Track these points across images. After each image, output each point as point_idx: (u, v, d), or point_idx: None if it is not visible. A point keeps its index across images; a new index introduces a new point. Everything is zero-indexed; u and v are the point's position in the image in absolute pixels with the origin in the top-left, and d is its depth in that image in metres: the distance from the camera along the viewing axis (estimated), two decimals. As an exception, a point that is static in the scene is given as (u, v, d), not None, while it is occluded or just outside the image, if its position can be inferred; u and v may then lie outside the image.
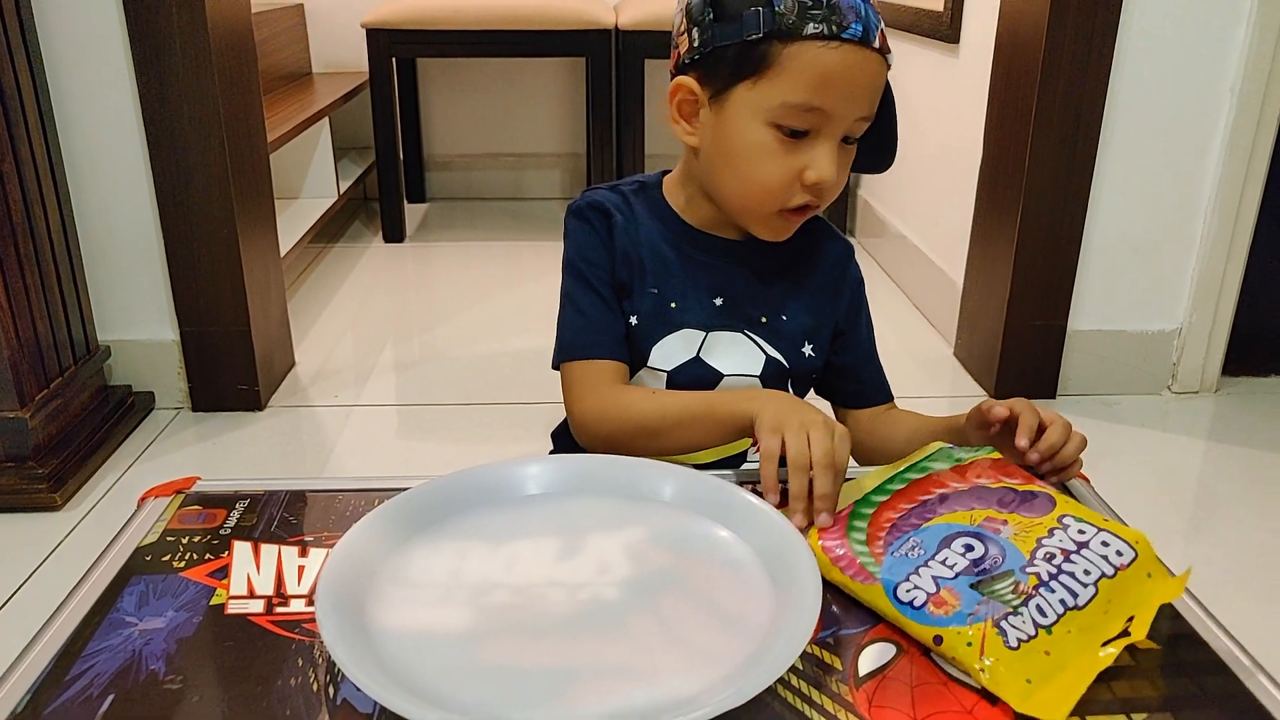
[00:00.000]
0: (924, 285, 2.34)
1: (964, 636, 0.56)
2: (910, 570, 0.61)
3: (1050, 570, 0.60)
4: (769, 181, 0.81)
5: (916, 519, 0.66)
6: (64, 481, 1.54)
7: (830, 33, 0.75)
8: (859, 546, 0.64)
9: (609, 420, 0.84)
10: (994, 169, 1.92)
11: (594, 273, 0.88)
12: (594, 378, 0.86)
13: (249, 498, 0.73)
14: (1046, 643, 0.56)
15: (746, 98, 0.79)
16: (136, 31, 1.61)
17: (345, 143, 3.19)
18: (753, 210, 0.84)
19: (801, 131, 0.78)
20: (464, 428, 1.83)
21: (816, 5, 0.75)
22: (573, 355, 0.87)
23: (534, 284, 2.56)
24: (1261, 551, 1.45)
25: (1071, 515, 0.64)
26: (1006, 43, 1.85)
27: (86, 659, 0.57)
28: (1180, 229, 1.84)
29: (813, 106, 0.77)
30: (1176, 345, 1.92)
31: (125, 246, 1.75)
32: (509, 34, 2.63)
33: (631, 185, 0.93)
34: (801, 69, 0.76)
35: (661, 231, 0.90)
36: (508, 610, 0.60)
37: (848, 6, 0.76)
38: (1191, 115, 1.76)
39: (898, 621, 0.59)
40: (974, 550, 0.62)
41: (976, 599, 0.58)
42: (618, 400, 0.84)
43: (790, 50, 0.76)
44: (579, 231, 0.90)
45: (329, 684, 0.55)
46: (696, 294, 0.88)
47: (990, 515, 0.65)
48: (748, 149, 0.80)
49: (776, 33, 0.76)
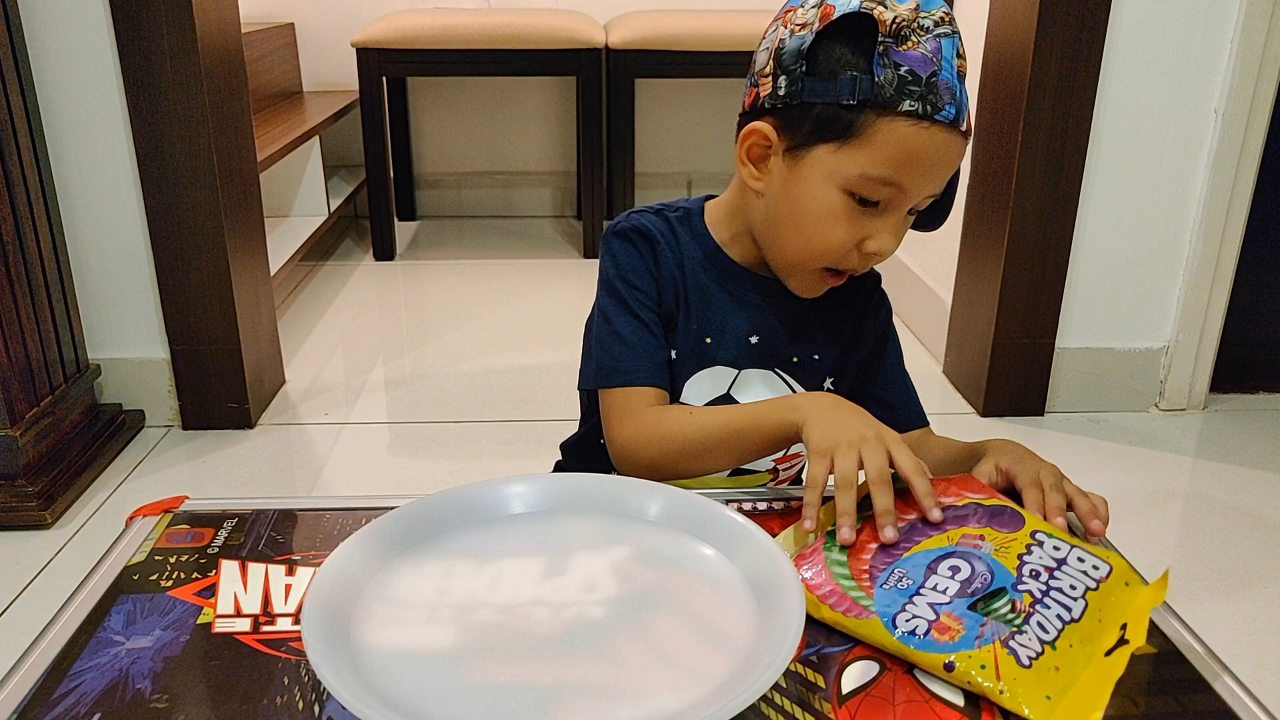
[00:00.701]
0: (912, 303, 2.35)
1: (976, 660, 0.56)
2: (904, 600, 0.61)
3: (1040, 587, 0.60)
4: (830, 245, 0.80)
5: (896, 549, 0.65)
6: (54, 499, 1.53)
7: (925, 113, 0.73)
8: (845, 581, 0.63)
9: (652, 445, 0.81)
10: (982, 187, 1.93)
11: (636, 297, 0.86)
12: (634, 404, 0.83)
13: (236, 517, 0.73)
14: (1054, 658, 0.56)
15: (826, 159, 0.77)
16: (126, 51, 1.62)
17: (335, 161, 3.20)
18: (800, 266, 0.83)
19: (873, 202, 0.77)
20: (454, 445, 1.83)
21: (915, 82, 0.73)
22: (612, 382, 0.85)
23: (525, 301, 2.57)
24: (1247, 568, 1.46)
25: (1042, 532, 0.65)
26: (993, 63, 1.87)
27: (74, 677, 0.57)
28: (1167, 247, 1.86)
29: (892, 182, 0.76)
30: (1164, 363, 1.93)
31: (115, 265, 1.75)
32: (499, 53, 2.65)
33: (676, 212, 0.90)
34: (889, 144, 0.74)
35: (703, 263, 0.88)
36: (493, 629, 0.60)
37: (945, 87, 0.74)
38: (1177, 135, 1.78)
39: (900, 653, 0.58)
40: (961, 571, 0.62)
41: (979, 620, 0.58)
42: (659, 424, 0.82)
43: (881, 124, 0.74)
44: (623, 253, 0.87)
45: (315, 703, 0.55)
46: (734, 331, 0.87)
47: (966, 532, 0.65)
48: (817, 210, 0.79)
49: (871, 103, 0.74)
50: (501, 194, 3.35)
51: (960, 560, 0.63)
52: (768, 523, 0.71)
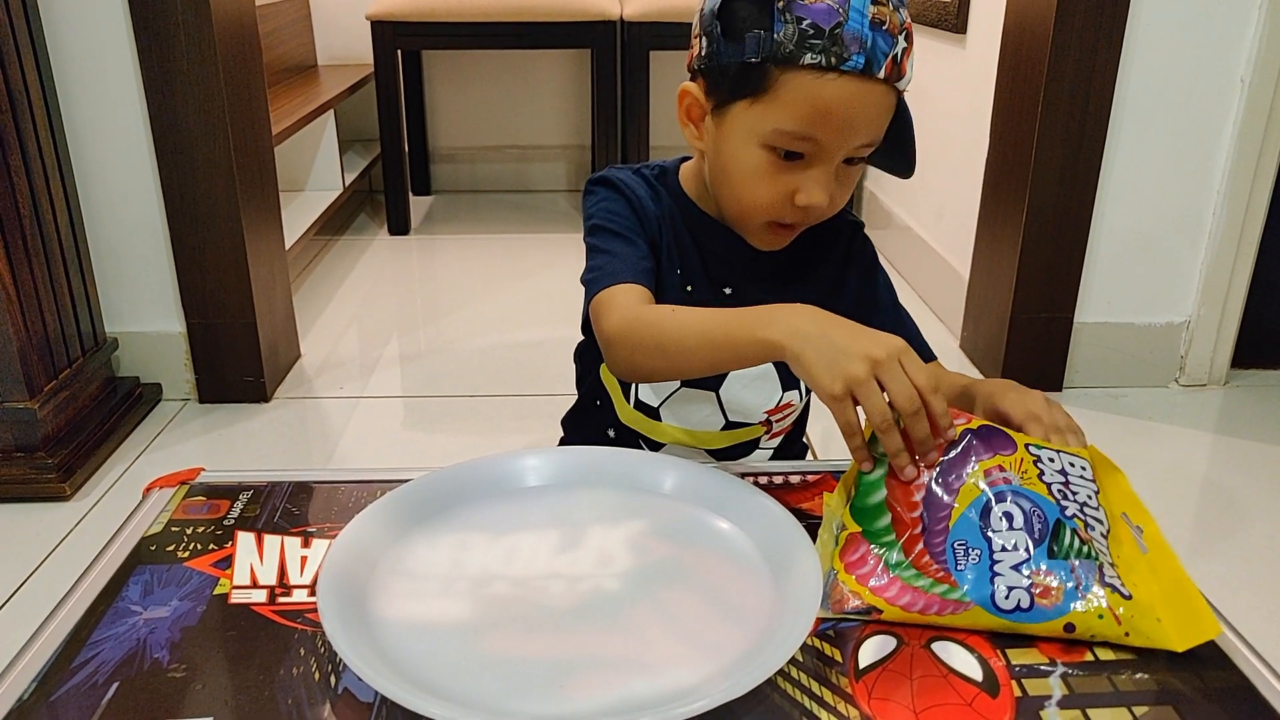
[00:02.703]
0: (930, 277, 2.33)
1: (1093, 611, 0.56)
2: (988, 575, 0.59)
3: (1077, 507, 0.61)
4: (759, 201, 0.80)
5: (938, 522, 0.62)
6: (73, 472, 1.55)
7: (829, 64, 0.73)
8: (919, 581, 0.60)
9: (631, 336, 0.79)
10: (1001, 160, 1.91)
11: (618, 222, 0.86)
12: (619, 298, 0.81)
13: (253, 489, 0.73)
14: (1128, 577, 0.58)
15: (743, 117, 0.78)
16: (141, 25, 1.61)
17: (350, 135, 3.19)
18: (743, 222, 0.84)
19: (796, 155, 0.77)
20: (469, 419, 1.83)
21: (818, 35, 0.72)
22: (598, 286, 0.83)
23: (539, 276, 2.56)
24: (1270, 545, 1.45)
25: (1032, 444, 0.65)
26: (1014, 33, 1.84)
27: (92, 647, 0.57)
28: (1189, 221, 1.83)
29: (806, 136, 0.76)
30: (1185, 338, 1.91)
31: (132, 239, 1.75)
32: (514, 26, 2.63)
33: (653, 170, 0.92)
34: (796, 99, 0.74)
35: (680, 217, 0.89)
36: (508, 602, 0.60)
37: (852, 37, 0.73)
38: (1201, 106, 1.75)
39: (1014, 630, 0.58)
40: (1015, 518, 0.60)
41: (1065, 567, 0.58)
42: (641, 317, 0.79)
43: (786, 78, 0.74)
44: (604, 196, 0.88)
45: (330, 674, 0.55)
46: (708, 281, 0.89)
47: (984, 468, 0.63)
48: (741, 167, 0.80)
49: (774, 59, 0.74)
50: (516, 168, 3.34)
51: (1007, 506, 0.61)
52: (784, 496, 0.71)
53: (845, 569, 0.61)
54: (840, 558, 0.62)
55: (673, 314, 0.79)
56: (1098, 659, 0.57)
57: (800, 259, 0.91)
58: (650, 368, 0.80)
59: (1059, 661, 0.56)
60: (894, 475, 0.64)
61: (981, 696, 0.54)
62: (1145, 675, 0.55)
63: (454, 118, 3.27)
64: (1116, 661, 0.56)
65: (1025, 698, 0.53)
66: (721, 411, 0.91)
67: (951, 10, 2.16)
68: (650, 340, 0.78)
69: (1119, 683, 0.55)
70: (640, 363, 0.79)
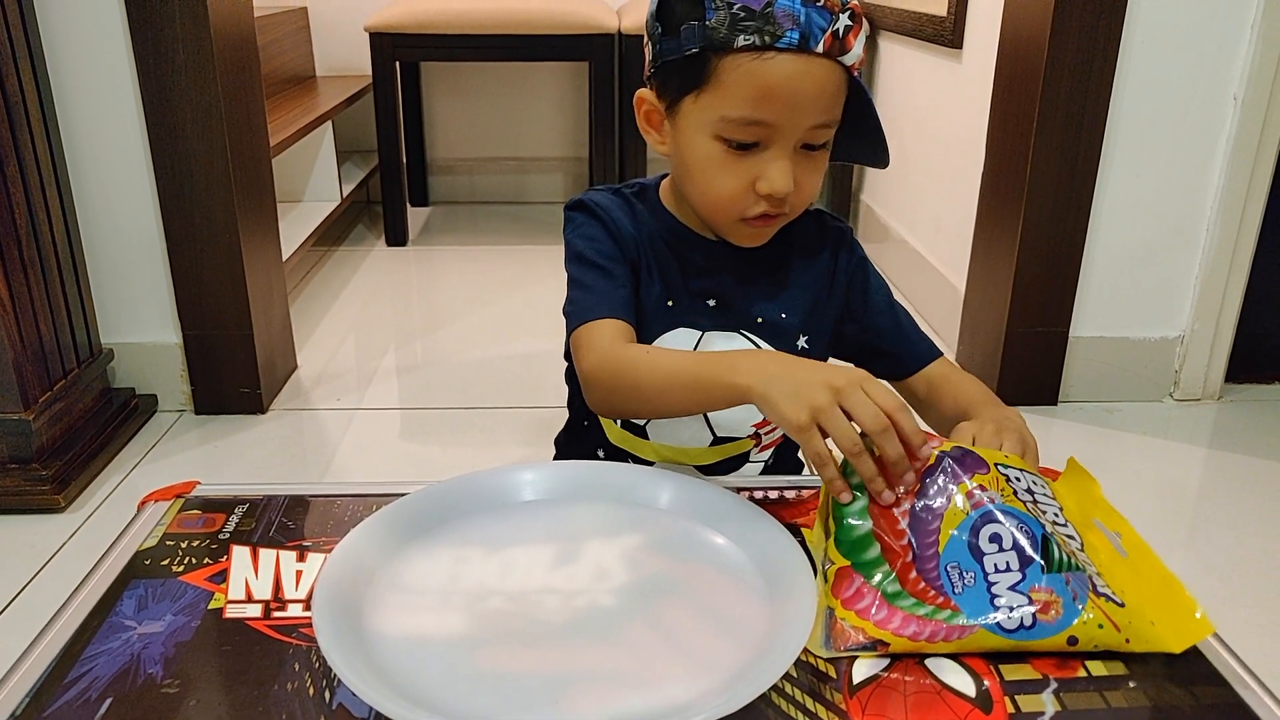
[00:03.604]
0: (926, 290, 2.34)
1: (1093, 621, 0.57)
2: (986, 598, 0.58)
3: (1052, 522, 0.61)
4: (723, 195, 0.80)
5: (927, 548, 0.61)
6: (67, 483, 1.54)
7: (763, 43, 0.73)
8: (921, 609, 0.59)
9: (607, 378, 0.79)
10: (996, 174, 1.92)
11: (595, 248, 0.87)
12: (596, 336, 0.82)
13: (248, 502, 0.73)
14: (1111, 583, 0.58)
15: (693, 111, 0.79)
16: (139, 35, 1.62)
17: (348, 146, 3.20)
18: (715, 219, 0.84)
19: (750, 144, 0.77)
20: (466, 432, 1.83)
21: (749, 16, 0.73)
22: (576, 321, 0.84)
23: (537, 288, 2.56)
24: (1262, 560, 1.45)
25: (1000, 464, 0.64)
26: (1009, 48, 1.85)
27: (85, 662, 0.57)
28: (1183, 235, 1.84)
29: (753, 120, 0.76)
30: (1179, 352, 1.92)
31: (128, 250, 1.75)
32: (512, 38, 2.64)
33: (631, 188, 0.92)
34: (737, 82, 0.75)
35: (659, 233, 0.89)
36: (503, 616, 0.60)
37: (784, 14, 0.73)
38: (1195, 122, 1.76)
39: (1021, 649, 0.57)
40: (1004, 539, 0.60)
41: (1060, 580, 0.58)
42: (618, 358, 0.80)
43: (725, 64, 0.75)
44: (581, 222, 0.89)
45: (325, 689, 0.55)
46: (691, 295, 0.89)
47: (964, 490, 0.62)
48: (699, 161, 0.80)
49: (710, 46, 0.75)
50: (514, 179, 3.35)
51: (994, 527, 0.60)
52: (779, 511, 0.71)
53: (842, 605, 0.59)
54: (834, 594, 0.60)
55: (647, 355, 0.80)
56: (1090, 675, 0.57)
57: (786, 264, 0.91)
58: (626, 408, 0.81)
59: (1051, 678, 0.56)
60: (875, 503, 0.63)
61: (975, 713, 0.54)
62: (1137, 690, 0.56)
63: (452, 129, 3.28)
64: (1109, 677, 0.56)
65: (1018, 714, 0.54)
66: (709, 427, 0.91)
67: (947, 26, 2.17)
68: (626, 382, 0.79)
69: (1111, 698, 0.55)
70: (617, 403, 0.81)
